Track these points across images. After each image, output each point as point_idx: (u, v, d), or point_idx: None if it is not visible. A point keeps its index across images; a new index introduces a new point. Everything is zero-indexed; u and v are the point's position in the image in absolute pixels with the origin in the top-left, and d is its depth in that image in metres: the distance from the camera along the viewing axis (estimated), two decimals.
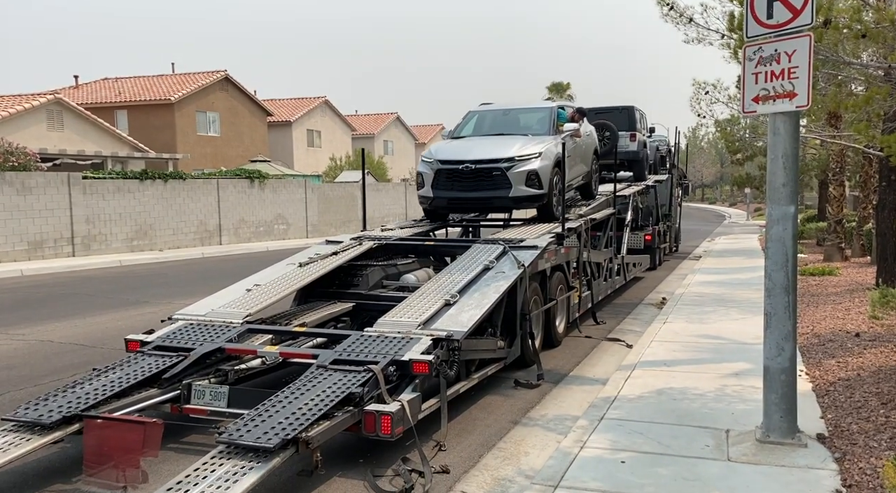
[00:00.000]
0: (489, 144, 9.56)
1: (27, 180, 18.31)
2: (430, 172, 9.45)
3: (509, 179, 8.95)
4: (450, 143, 10.12)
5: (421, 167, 9.72)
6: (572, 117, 10.57)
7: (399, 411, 4.69)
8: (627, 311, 11.33)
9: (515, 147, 9.15)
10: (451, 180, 9.26)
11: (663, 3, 9.40)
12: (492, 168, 8.98)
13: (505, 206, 9.45)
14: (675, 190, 19.57)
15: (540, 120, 10.32)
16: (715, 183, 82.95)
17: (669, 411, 5.64)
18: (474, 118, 10.88)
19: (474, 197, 9.21)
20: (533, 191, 9.05)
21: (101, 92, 36.47)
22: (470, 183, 9.12)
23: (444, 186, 9.37)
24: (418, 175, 9.81)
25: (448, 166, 9.25)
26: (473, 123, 10.78)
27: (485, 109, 11.07)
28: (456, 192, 9.27)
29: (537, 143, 9.33)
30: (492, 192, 9.05)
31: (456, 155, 9.32)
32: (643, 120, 16.52)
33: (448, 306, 6.16)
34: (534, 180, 9.02)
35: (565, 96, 64.33)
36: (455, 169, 9.16)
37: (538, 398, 6.50)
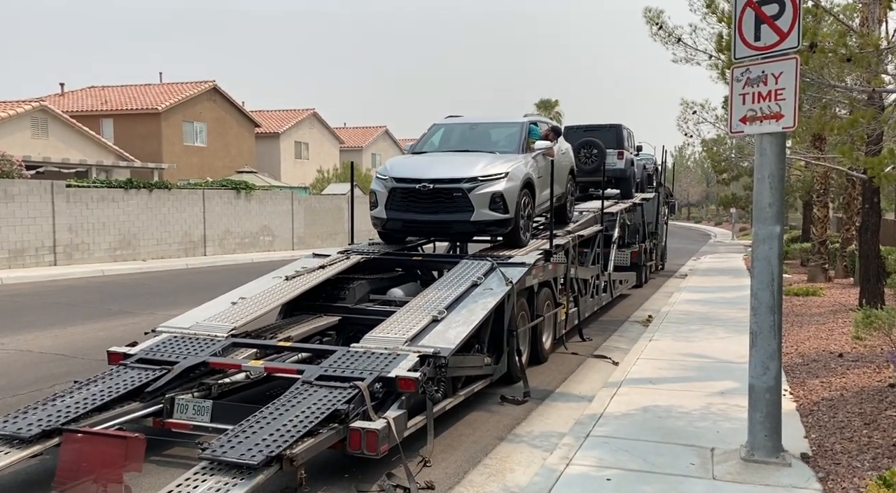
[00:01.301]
0: (451, 161, 8.62)
1: (9, 188, 18.10)
2: (384, 191, 8.43)
3: (471, 202, 7.99)
4: (408, 159, 9.20)
5: (375, 185, 8.66)
6: (546, 135, 9.72)
7: (385, 428, 4.66)
8: (614, 328, 11.35)
9: (479, 166, 8.21)
10: (406, 201, 8.26)
11: (653, 22, 9.53)
12: (452, 189, 8.02)
13: (466, 231, 8.37)
14: (661, 208, 19.73)
15: (509, 136, 9.43)
16: (701, 202, 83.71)
17: (655, 428, 5.64)
18: (439, 132, 9.97)
19: (432, 220, 8.20)
20: (497, 215, 8.10)
21: (87, 100, 36.25)
22: (428, 204, 8.13)
23: (398, 207, 8.34)
24: (371, 194, 8.70)
25: (404, 185, 8.27)
26: (438, 137, 9.88)
27: (451, 123, 10.15)
28: (412, 214, 8.25)
29: (504, 161, 8.41)
30: (451, 215, 8.07)
31: (413, 173, 8.35)
32: (631, 138, 16.67)
33: (435, 322, 6.14)
34: (498, 203, 8.07)
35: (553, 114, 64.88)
36: (411, 188, 8.18)
37: (524, 415, 6.48)
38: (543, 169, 9.40)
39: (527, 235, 8.82)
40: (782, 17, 4.64)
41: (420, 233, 9.06)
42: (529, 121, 9.79)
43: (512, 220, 8.27)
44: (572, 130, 16.19)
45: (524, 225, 8.68)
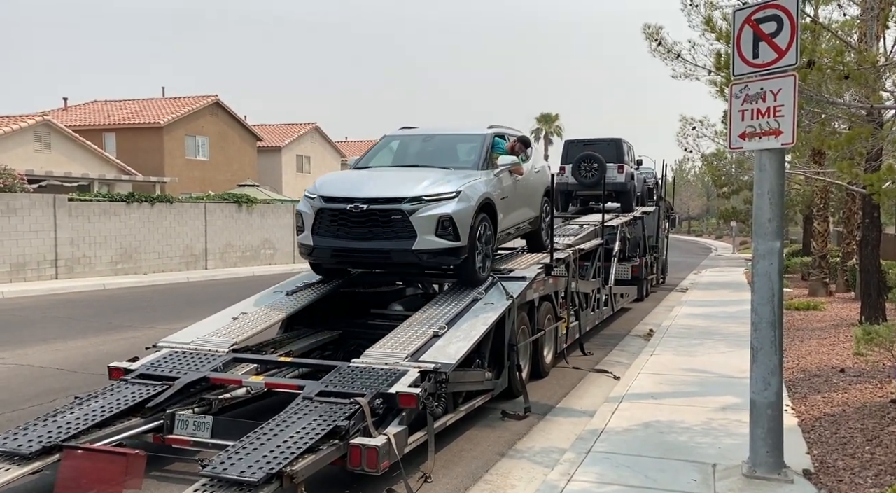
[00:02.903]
0: (392, 178, 7.39)
1: (12, 202, 18.16)
2: (311, 213, 7.17)
3: (413, 226, 6.72)
4: (344, 174, 8.14)
5: (301, 205, 7.35)
6: (512, 149, 8.51)
7: (385, 445, 4.64)
8: (615, 342, 11.33)
9: (425, 183, 6.96)
10: (336, 224, 7.00)
11: (652, 38, 9.59)
12: (390, 210, 6.76)
13: (407, 261, 6.94)
14: (662, 222, 19.75)
15: (468, 151, 8.23)
16: (701, 216, 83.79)
17: (656, 444, 5.62)
18: (389, 145, 8.82)
19: (366, 248, 6.89)
20: (445, 242, 6.80)
21: (89, 114, 36.44)
22: (361, 229, 6.86)
23: (327, 232, 7.06)
24: (297, 216, 7.41)
25: (333, 206, 6.99)
26: (387, 151, 8.76)
27: (404, 134, 8.96)
28: (343, 240, 6.95)
29: (457, 179, 7.22)
30: (389, 242, 6.80)
31: (345, 191, 7.08)
32: (631, 152, 16.74)
33: (436, 338, 6.14)
34: (447, 229, 6.79)
35: (553, 128, 65.16)
36: (341, 209, 6.91)
37: (525, 430, 6.46)
38: (510, 189, 8.25)
39: (486, 265, 7.46)
40: (780, 34, 4.68)
41: (353, 263, 7.74)
42: (493, 133, 8.45)
43: (464, 248, 6.94)
44: (573, 143, 16.29)
45: (482, 255, 7.35)
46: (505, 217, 8.12)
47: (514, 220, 8.57)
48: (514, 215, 8.55)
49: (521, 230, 9.07)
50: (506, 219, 8.19)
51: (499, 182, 7.93)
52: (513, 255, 9.99)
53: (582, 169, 15.23)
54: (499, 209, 7.78)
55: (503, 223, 8.07)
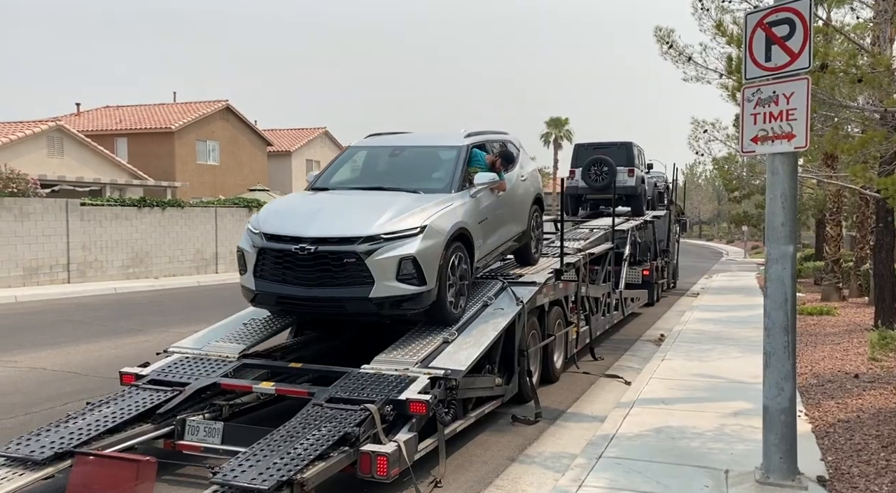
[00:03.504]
0: (346, 208, 6.45)
1: (25, 206, 18.32)
2: (252, 252, 6.22)
3: (370, 271, 5.78)
4: (292, 204, 6.97)
5: (243, 241, 6.42)
6: (493, 163, 7.46)
7: (395, 452, 4.64)
8: (625, 347, 11.27)
9: (384, 217, 5.97)
10: (280, 267, 6.03)
11: (663, 41, 9.56)
12: (342, 253, 5.78)
13: (365, 311, 6.04)
14: (672, 226, 19.66)
15: (441, 166, 7.20)
16: (712, 220, 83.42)
17: (668, 450, 5.58)
18: (354, 158, 7.79)
19: (315, 297, 5.94)
20: (408, 288, 5.86)
21: (101, 120, 36.74)
22: (309, 274, 5.88)
23: (270, 276, 6.11)
24: (238, 252, 6.48)
25: (276, 245, 6.02)
26: (351, 166, 7.72)
27: (370, 145, 7.93)
28: (288, 287, 6.00)
29: (425, 208, 6.21)
30: (342, 290, 5.85)
31: (290, 227, 6.08)
32: (641, 156, 16.68)
33: (446, 344, 6.13)
34: (410, 272, 5.86)
35: (563, 132, 64.99)
36: (285, 251, 5.94)
37: (536, 435, 6.43)
38: (491, 209, 7.29)
39: (461, 302, 6.59)
40: (793, 37, 4.65)
41: (302, 313, 6.77)
42: (471, 144, 7.43)
43: (431, 292, 6.02)
44: (583, 147, 16.25)
45: (455, 293, 6.44)
46: (485, 242, 7.18)
47: (496, 242, 7.60)
48: (497, 237, 7.60)
49: (506, 249, 8.14)
50: (486, 244, 7.24)
51: (476, 204, 6.92)
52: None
53: (592, 173, 15.18)
54: (476, 237, 6.82)
55: (482, 250, 7.13)
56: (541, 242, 9.19)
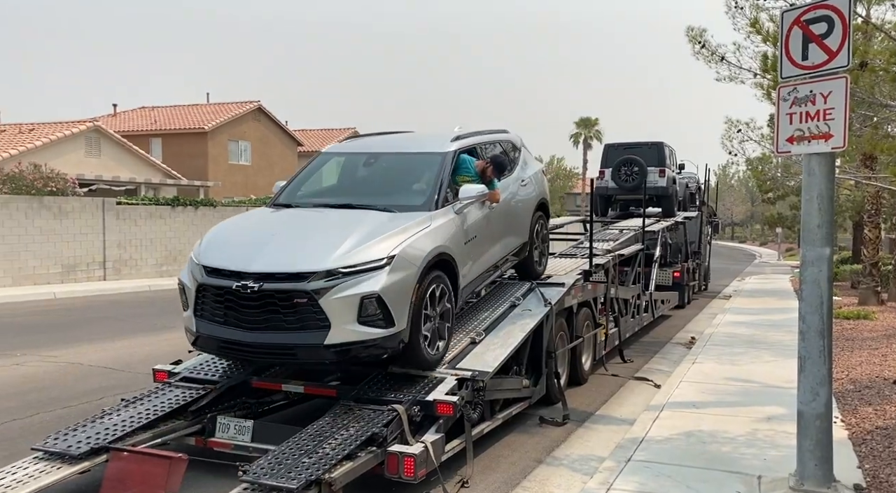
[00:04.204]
0: (299, 235, 5.51)
1: (64, 205, 18.78)
2: (192, 288, 5.35)
3: (325, 313, 4.86)
4: (239, 228, 5.92)
5: (183, 273, 5.58)
6: (484, 170, 6.50)
7: (423, 453, 4.64)
8: (655, 349, 11.15)
9: (346, 245, 5.08)
10: (222, 307, 5.14)
11: (695, 41, 9.44)
12: (291, 292, 4.89)
13: (321, 359, 5.08)
14: (704, 227, 19.39)
15: (422, 177, 6.24)
16: (745, 221, 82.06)
17: (699, 454, 5.50)
18: (325, 166, 6.93)
19: (262, 343, 5.03)
20: (372, 331, 4.95)
21: (137, 120, 37.48)
22: (254, 316, 5.00)
23: (211, 316, 5.23)
24: (179, 286, 5.62)
25: (216, 281, 5.15)
26: (320, 176, 6.88)
27: (345, 151, 7.13)
28: (231, 329, 5.09)
29: (397, 231, 5.29)
30: (293, 335, 4.96)
31: (232, 259, 5.18)
32: (673, 156, 16.48)
33: (473, 345, 6.12)
34: (374, 313, 4.94)
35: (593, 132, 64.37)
36: (226, 288, 5.05)
37: (563, 437, 6.39)
38: (481, 224, 6.36)
39: (437, 346, 5.55)
40: (831, 35, 4.55)
41: (248, 360, 5.73)
42: (457, 149, 6.44)
43: (402, 333, 5.08)
44: (613, 147, 16.11)
45: (432, 332, 5.45)
46: (474, 264, 6.28)
47: (489, 261, 6.67)
48: (490, 255, 6.68)
49: (503, 266, 7.20)
50: (475, 266, 6.33)
51: (462, 222, 6.00)
52: (549, 260, 9.93)
53: (622, 173, 15.05)
54: (461, 261, 5.90)
55: (470, 273, 6.20)
56: (545, 253, 8.32)
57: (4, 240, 17.39)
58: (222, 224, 6.06)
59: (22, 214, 17.80)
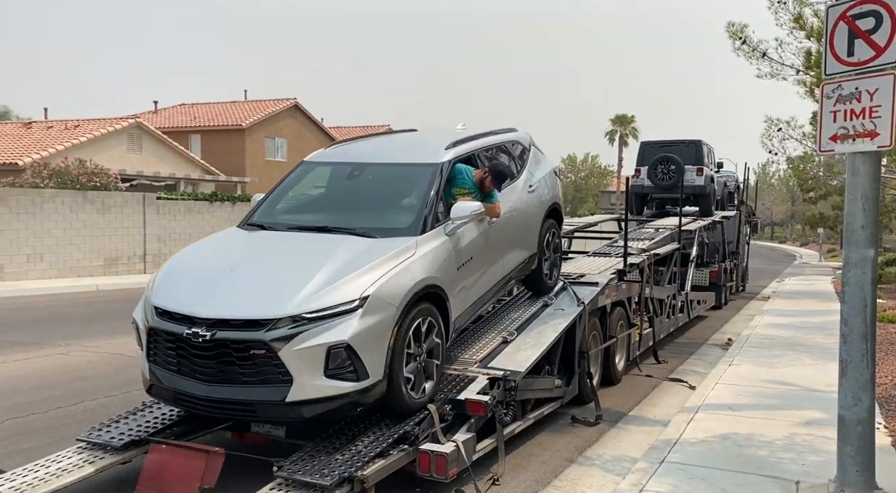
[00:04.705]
0: (264, 270, 4.83)
1: (107, 199, 19.28)
2: (144, 329, 4.79)
3: (285, 366, 4.28)
4: (198, 258, 5.25)
5: (137, 310, 5.01)
6: (482, 180, 5.78)
7: (454, 452, 4.66)
8: (690, 351, 10.99)
9: (310, 285, 4.46)
10: (174, 355, 4.58)
11: (736, 37, 9.27)
12: (247, 342, 4.31)
13: (284, 418, 4.58)
14: (743, 227, 19.02)
15: (410, 194, 5.53)
16: (785, 222, 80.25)
17: (734, 457, 5.42)
18: (307, 177, 6.26)
19: (217, 399, 4.44)
20: (342, 385, 4.37)
21: (177, 117, 38.24)
22: (208, 367, 4.42)
23: (165, 364, 4.65)
24: (134, 325, 5.01)
25: (166, 326, 4.57)
26: (301, 189, 6.23)
27: (329, 161, 6.30)
28: (185, 380, 4.52)
29: (375, 264, 4.67)
30: (250, 390, 4.37)
31: (183, 300, 4.59)
32: (711, 154, 16.20)
33: (505, 344, 6.12)
34: (343, 365, 4.36)
35: (629, 129, 63.57)
36: (177, 335, 4.49)
37: (596, 437, 6.35)
38: (479, 243, 5.70)
39: (422, 388, 4.90)
40: (879, 30, 4.42)
41: (204, 415, 4.89)
42: (452, 159, 5.74)
43: (378, 386, 4.49)
44: (649, 145, 15.91)
45: (416, 373, 4.83)
46: (470, 289, 5.62)
47: (488, 282, 6.01)
48: (490, 275, 6.01)
49: (507, 285, 6.55)
50: (472, 291, 5.67)
51: (454, 244, 5.34)
52: (583, 259, 9.86)
53: (658, 171, 14.85)
54: (453, 290, 5.25)
55: (465, 300, 5.56)
56: (558, 264, 7.60)
57: (50, 233, 17.92)
58: (184, 252, 5.47)
59: (67, 208, 18.32)
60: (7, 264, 17.04)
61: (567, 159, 73.43)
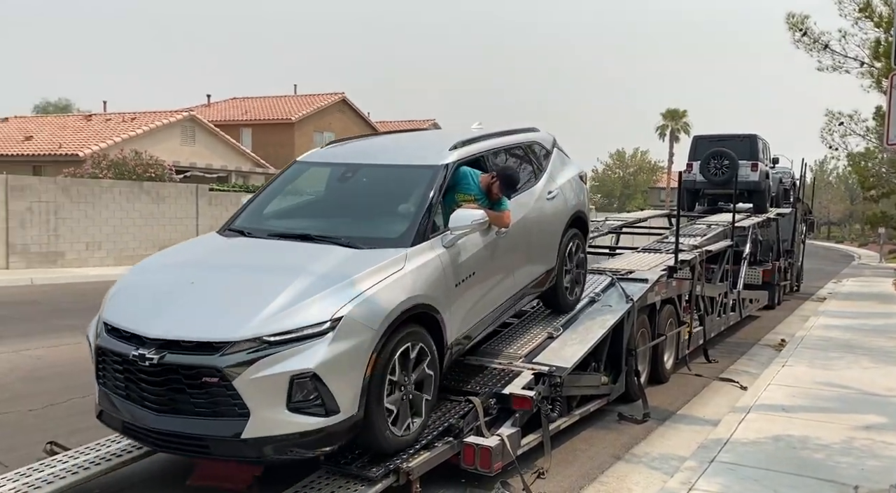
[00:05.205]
0: (224, 285, 4.26)
1: (161, 190, 19.85)
2: (93, 349, 4.30)
3: (241, 397, 3.72)
4: (157, 269, 4.69)
5: (92, 324, 4.43)
6: (489, 186, 5.14)
7: (499, 446, 4.64)
8: (742, 351, 10.72)
9: (275, 303, 3.88)
10: (122, 378, 4.04)
11: (796, 28, 8.96)
12: (197, 369, 3.76)
13: (240, 455, 3.92)
14: (798, 225, 18.43)
15: (407, 199, 4.96)
16: (843, 221, 77.48)
17: (788, 459, 5.26)
18: (299, 180, 5.70)
19: (166, 431, 3.89)
20: (309, 421, 3.80)
21: (229, 111, 39.10)
22: (157, 394, 3.89)
23: (113, 387, 4.13)
24: (88, 341, 4.45)
25: (113, 345, 4.06)
26: (290, 191, 5.66)
27: (323, 160, 5.73)
28: (134, 408, 3.99)
29: (354, 280, 4.08)
30: (203, 423, 3.81)
31: (132, 316, 4.09)
32: (766, 150, 15.74)
33: (551, 339, 6.07)
34: (309, 398, 3.79)
35: (680, 125, 62.15)
36: (124, 356, 3.94)
37: (643, 435, 6.25)
38: (484, 253, 5.05)
39: (406, 424, 4.30)
40: None
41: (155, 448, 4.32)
42: (456, 161, 5.13)
43: (352, 419, 3.91)
44: (702, 139, 15.55)
45: (400, 406, 4.23)
46: (471, 310, 4.94)
47: (495, 301, 5.30)
48: (497, 293, 5.31)
49: (518, 303, 5.81)
50: (474, 311, 4.99)
51: (453, 257, 4.70)
52: (631, 254, 9.70)
53: (711, 166, 14.51)
54: (450, 310, 4.62)
55: (467, 321, 4.91)
56: (581, 280, 6.86)
57: (108, 222, 18.55)
58: (149, 259, 4.95)
59: (124, 198, 18.93)
60: (68, 252, 17.71)
61: (615, 154, 72.35)
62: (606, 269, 8.06)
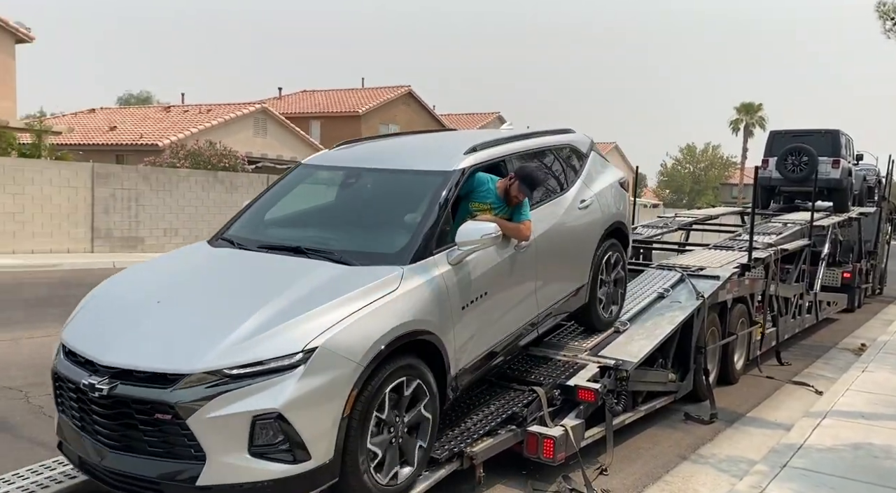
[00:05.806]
0: (190, 305, 3.78)
1: (234, 180, 20.52)
2: (51, 372, 3.89)
3: (196, 439, 3.25)
4: (133, 281, 4.27)
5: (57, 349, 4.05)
6: (506, 190, 4.57)
7: (562, 436, 4.62)
8: (817, 354, 10.29)
9: (240, 330, 3.39)
10: (77, 406, 3.62)
11: (887, 17, 8.48)
12: (150, 404, 3.30)
13: None
14: (883, 225, 17.50)
15: (414, 207, 4.40)
16: None
17: (868, 468, 5.03)
18: (301, 185, 5.19)
19: (119, 471, 3.42)
20: (275, 469, 3.29)
21: (299, 103, 40.01)
22: (111, 429, 3.44)
23: (70, 416, 3.71)
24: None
25: (68, 370, 3.64)
26: (291, 198, 5.11)
27: (328, 164, 5.26)
28: (88, 440, 3.55)
29: (334, 303, 3.57)
30: (156, 464, 3.34)
31: (89, 339, 3.66)
32: (850, 146, 14.99)
33: (617, 334, 6.00)
34: (275, 442, 3.30)
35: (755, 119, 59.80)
36: (76, 384, 3.52)
37: (710, 436, 6.10)
38: (499, 271, 4.48)
39: (394, 473, 3.77)
40: None
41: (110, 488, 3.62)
42: (471, 166, 4.56)
43: (328, 467, 3.41)
44: (779, 134, 14.94)
45: (387, 450, 3.71)
46: (481, 337, 4.37)
47: (512, 324, 4.71)
48: (515, 316, 4.74)
49: (541, 325, 5.16)
50: (485, 338, 4.41)
51: (461, 276, 4.16)
52: (703, 251, 9.44)
53: (789, 163, 13.93)
54: (453, 339, 4.06)
55: (476, 349, 4.33)
56: (618, 298, 6.25)
57: (184, 210, 19.33)
58: (125, 271, 4.50)
59: (200, 186, 19.67)
60: (147, 237, 18.56)
61: (685, 149, 70.32)
62: (676, 265, 7.88)
